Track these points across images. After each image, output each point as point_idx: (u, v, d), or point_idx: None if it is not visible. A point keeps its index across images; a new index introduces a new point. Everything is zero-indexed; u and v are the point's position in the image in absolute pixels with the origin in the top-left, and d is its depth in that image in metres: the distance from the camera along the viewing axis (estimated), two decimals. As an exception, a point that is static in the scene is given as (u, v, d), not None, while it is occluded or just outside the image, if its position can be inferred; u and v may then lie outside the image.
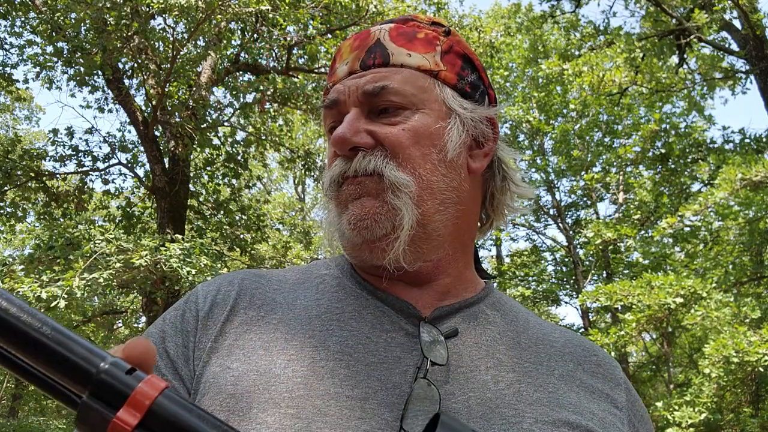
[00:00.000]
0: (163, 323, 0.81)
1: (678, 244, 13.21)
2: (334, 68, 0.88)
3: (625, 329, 9.16)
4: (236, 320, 0.78)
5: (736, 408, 11.36)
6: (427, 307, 0.81)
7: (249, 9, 6.94)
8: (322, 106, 0.87)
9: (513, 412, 0.72)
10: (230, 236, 9.53)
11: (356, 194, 0.79)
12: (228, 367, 0.72)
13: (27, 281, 6.23)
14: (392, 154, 0.79)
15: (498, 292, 0.93)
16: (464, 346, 0.78)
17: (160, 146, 8.35)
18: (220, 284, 0.84)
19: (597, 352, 0.87)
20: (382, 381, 0.71)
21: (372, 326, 0.77)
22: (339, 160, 0.81)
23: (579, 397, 0.77)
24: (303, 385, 0.70)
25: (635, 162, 14.02)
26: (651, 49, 11.22)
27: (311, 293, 0.83)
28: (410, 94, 0.81)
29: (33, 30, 8.21)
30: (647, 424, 0.85)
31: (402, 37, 0.84)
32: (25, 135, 19.96)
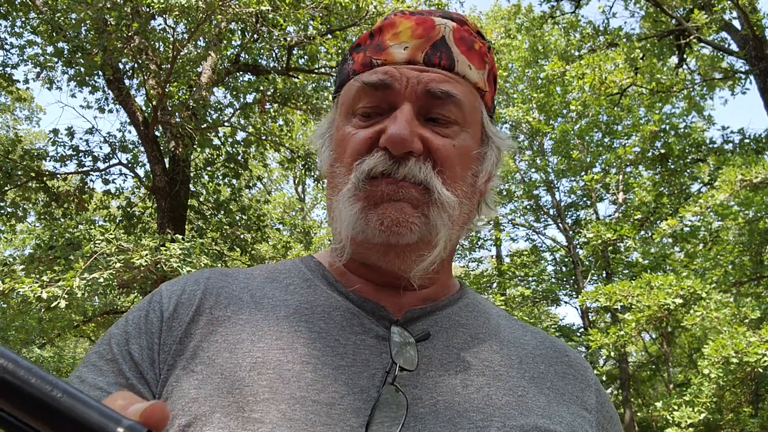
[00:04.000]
0: (125, 324, 0.77)
1: (678, 244, 13.22)
2: (385, 44, 0.79)
3: (624, 329, 9.17)
4: (202, 321, 0.75)
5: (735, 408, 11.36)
6: (399, 309, 0.79)
7: (249, 9, 6.94)
8: (363, 82, 0.78)
9: (481, 417, 0.71)
10: (230, 236, 9.54)
11: (395, 196, 0.73)
12: (192, 370, 0.70)
13: (27, 281, 6.23)
14: (440, 168, 0.75)
15: (472, 294, 0.91)
16: (435, 350, 0.76)
17: (160, 146, 8.36)
18: (185, 284, 0.81)
19: (568, 353, 0.87)
20: (349, 385, 0.70)
21: (341, 328, 0.75)
22: (382, 154, 0.74)
23: (548, 400, 0.76)
24: (268, 388, 0.68)
25: (635, 162, 14.02)
26: (651, 50, 11.23)
27: (280, 293, 0.81)
28: (466, 110, 0.78)
29: (33, 30, 8.21)
30: (617, 425, 0.85)
31: (463, 43, 0.80)
32: (26, 135, 19.97)
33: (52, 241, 7.32)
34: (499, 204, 0.82)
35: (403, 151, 0.73)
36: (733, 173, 8.19)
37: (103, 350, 0.75)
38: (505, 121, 15.71)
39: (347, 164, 0.77)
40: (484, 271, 16.07)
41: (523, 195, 15.58)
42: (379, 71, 0.77)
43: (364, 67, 0.79)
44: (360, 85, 0.78)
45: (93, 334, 17.65)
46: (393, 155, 0.74)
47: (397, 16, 0.81)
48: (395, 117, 0.74)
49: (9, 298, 7.08)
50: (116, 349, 0.74)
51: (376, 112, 0.77)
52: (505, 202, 15.59)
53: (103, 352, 0.75)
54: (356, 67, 0.80)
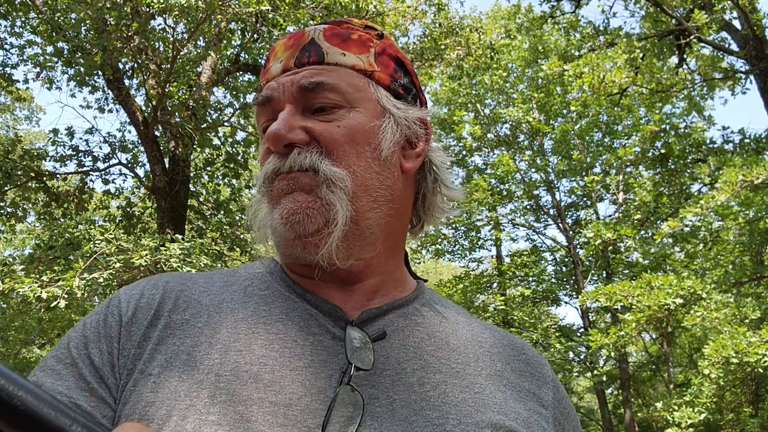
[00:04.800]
0: (84, 328, 0.77)
1: (678, 244, 13.22)
2: (268, 67, 0.87)
3: (625, 329, 9.16)
4: (160, 324, 0.76)
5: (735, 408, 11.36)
6: (355, 309, 0.80)
7: (249, 9, 6.94)
8: (254, 104, 0.86)
9: (437, 414, 0.72)
10: (230, 236, 9.54)
11: (288, 189, 0.78)
12: (149, 373, 0.70)
13: (27, 281, 6.23)
14: (327, 150, 0.79)
15: (430, 292, 0.91)
16: (392, 349, 0.77)
17: (160, 146, 8.36)
18: (143, 288, 0.81)
19: (526, 350, 0.88)
20: (306, 386, 0.70)
21: (299, 329, 0.76)
22: (273, 157, 0.80)
23: (505, 397, 0.78)
24: (225, 390, 0.68)
25: (635, 162, 14.02)
26: (651, 50, 11.23)
27: (238, 295, 0.81)
28: (345, 92, 0.81)
29: (33, 30, 8.21)
30: (573, 420, 0.86)
31: (336, 37, 0.84)
32: (26, 135, 19.96)
33: (52, 241, 7.32)
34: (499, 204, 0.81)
35: (281, 144, 0.78)
36: (733, 174, 8.19)
37: (62, 354, 0.74)
38: (505, 121, 15.72)
39: None
40: (484, 271, 16.07)
41: (523, 195, 15.57)
42: (264, 89, 0.84)
43: (258, 92, 0.87)
44: (255, 109, 0.86)
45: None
46: (280, 153, 0.79)
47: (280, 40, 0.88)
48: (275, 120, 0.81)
49: (9, 298, 7.07)
50: (75, 353, 0.74)
51: None
52: (505, 202, 15.59)
53: (62, 356, 0.74)
54: (257, 95, 0.87)
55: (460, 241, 15.98)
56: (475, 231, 15.72)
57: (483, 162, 16.33)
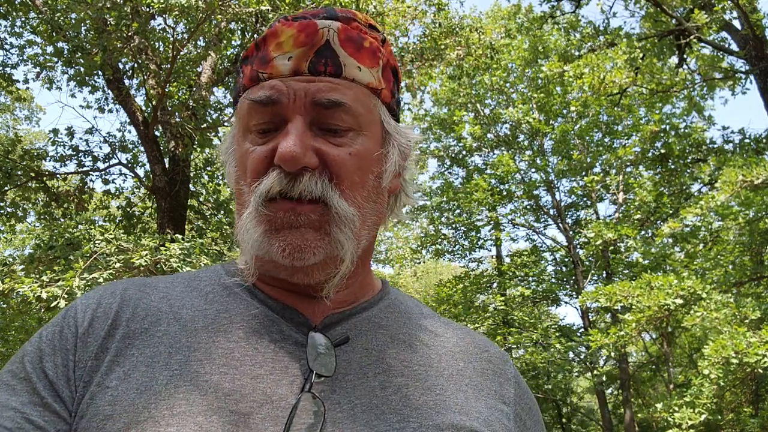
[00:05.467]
0: (39, 341, 0.75)
1: (678, 244, 13.21)
2: (270, 56, 0.77)
3: (625, 329, 9.16)
4: (118, 334, 0.74)
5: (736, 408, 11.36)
6: (318, 314, 0.79)
7: (249, 9, 6.94)
8: (250, 99, 0.76)
9: (398, 418, 0.71)
10: (230, 236, 9.53)
11: (295, 223, 0.73)
12: (106, 386, 0.69)
13: (27, 281, 6.23)
14: (338, 179, 0.75)
15: (395, 292, 0.90)
16: (354, 353, 0.77)
17: (160, 146, 8.35)
18: (100, 296, 0.79)
19: (488, 348, 0.88)
20: (267, 394, 0.70)
21: (260, 336, 0.75)
22: (278, 173, 0.73)
23: (467, 397, 0.78)
24: (185, 401, 0.67)
25: (635, 162, 14.02)
26: (651, 50, 11.22)
27: (199, 302, 0.80)
28: (358, 115, 0.76)
29: (33, 30, 8.21)
30: (534, 415, 0.86)
31: (351, 43, 0.77)
32: (26, 135, 19.96)
33: (52, 241, 7.31)
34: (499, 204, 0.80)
35: (296, 168, 0.72)
36: (733, 174, 8.19)
37: (16, 369, 0.73)
38: (505, 121, 15.72)
39: (249, 183, 0.76)
40: (484, 271, 16.07)
41: (523, 195, 15.57)
42: (265, 86, 0.76)
43: (252, 82, 0.78)
44: (249, 103, 0.76)
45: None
46: (288, 172, 0.73)
47: (280, 23, 0.78)
48: (287, 133, 0.74)
49: (9, 298, 7.07)
50: (29, 367, 0.73)
51: (270, 128, 0.76)
52: (505, 202, 15.59)
53: (16, 370, 0.73)
54: (245, 81, 0.79)
55: (460, 241, 15.98)
56: (475, 231, 15.72)
57: (483, 162, 16.34)
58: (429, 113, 16.14)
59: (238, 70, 0.83)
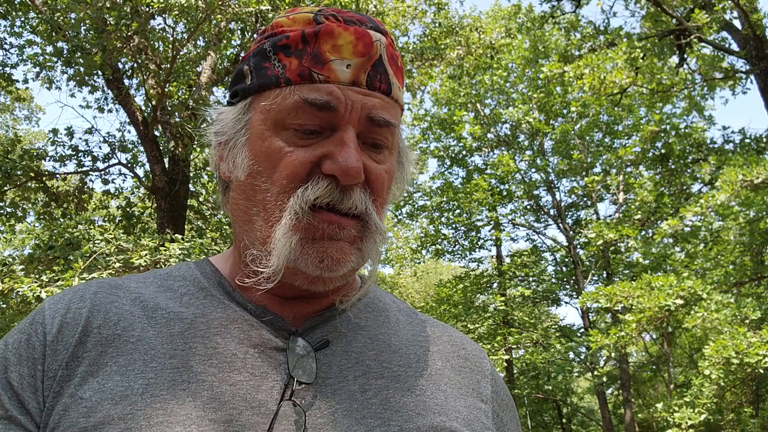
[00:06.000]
0: (5, 350, 0.73)
1: (678, 245, 13.21)
2: (325, 56, 0.73)
3: (625, 330, 9.15)
4: (90, 342, 0.71)
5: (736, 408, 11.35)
6: (298, 317, 0.78)
7: (249, 9, 6.93)
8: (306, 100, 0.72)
9: (378, 422, 0.71)
10: (230, 236, 9.52)
11: (336, 236, 0.73)
12: (80, 397, 0.67)
13: (27, 281, 6.22)
14: (374, 195, 0.75)
15: (374, 290, 0.89)
16: (334, 356, 0.76)
17: (159, 146, 8.35)
18: (69, 301, 0.76)
19: (465, 345, 0.88)
20: (247, 400, 0.68)
21: (239, 342, 0.73)
22: (329, 184, 0.72)
23: (446, 396, 0.77)
24: (162, 411, 0.65)
25: (635, 162, 14.02)
26: (651, 50, 11.22)
27: (174, 304, 0.77)
28: (396, 136, 0.79)
29: (33, 30, 8.20)
30: (511, 410, 0.87)
31: (393, 62, 0.77)
32: (25, 135, 19.96)
33: (52, 241, 7.31)
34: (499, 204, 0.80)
35: (355, 182, 0.72)
36: (734, 173, 8.18)
37: None
38: (505, 121, 15.71)
39: (282, 185, 0.73)
40: (485, 271, 16.06)
41: (523, 195, 15.56)
42: (322, 90, 0.72)
43: (303, 79, 0.73)
44: (300, 101, 0.73)
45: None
46: (339, 185, 0.72)
47: (331, 21, 0.75)
48: (343, 144, 0.72)
49: (8, 298, 7.07)
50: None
51: (316, 131, 0.74)
52: (505, 202, 15.58)
53: None
54: (291, 75, 0.74)
55: (460, 241, 15.98)
56: (475, 231, 15.71)
57: (483, 162, 16.33)
58: (429, 113, 16.14)
59: (266, 53, 0.77)
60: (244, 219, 0.78)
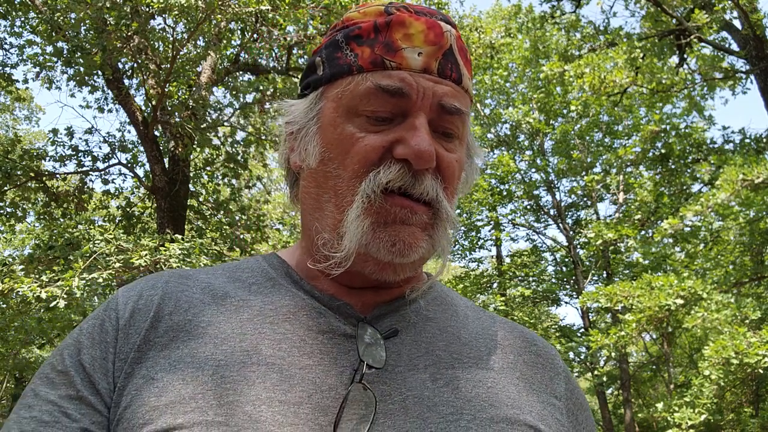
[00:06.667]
0: (79, 333, 0.76)
1: (678, 245, 13.21)
2: (397, 44, 0.74)
3: (625, 330, 9.15)
4: (161, 327, 0.74)
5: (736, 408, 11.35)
6: (366, 305, 0.79)
7: (249, 9, 6.93)
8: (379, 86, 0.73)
9: (451, 410, 0.70)
10: (230, 236, 9.52)
11: (408, 221, 0.73)
12: (152, 378, 0.69)
13: (27, 281, 6.22)
14: (446, 183, 0.76)
15: (440, 286, 0.90)
16: (403, 345, 0.76)
17: (159, 146, 8.35)
18: (141, 289, 0.79)
19: (536, 341, 0.87)
20: (317, 384, 0.69)
21: (307, 328, 0.74)
22: (401, 168, 0.72)
23: (518, 390, 0.76)
24: (233, 391, 0.67)
25: (635, 162, 14.02)
26: (651, 49, 11.22)
27: (243, 293, 0.79)
28: (465, 125, 0.79)
29: (33, 30, 8.20)
30: (585, 410, 0.85)
31: (462, 53, 0.78)
32: (25, 135, 19.96)
33: (52, 241, 7.31)
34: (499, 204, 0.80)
35: (427, 166, 0.72)
36: (734, 173, 8.18)
37: (56, 361, 0.74)
38: (505, 121, 15.71)
39: (354, 170, 0.73)
40: (485, 271, 16.06)
41: (523, 195, 15.56)
42: (395, 76, 0.73)
43: (375, 66, 0.74)
44: (373, 87, 0.73)
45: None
46: (410, 169, 0.72)
47: (403, 12, 0.76)
48: (415, 128, 0.72)
49: (8, 298, 7.07)
50: (68, 360, 0.73)
51: (388, 118, 0.74)
52: (505, 202, 15.58)
53: (56, 363, 0.74)
54: (364, 63, 0.75)
55: (460, 241, 15.98)
56: (475, 231, 15.71)
57: (483, 162, 16.34)
58: None
59: (338, 44, 0.78)
60: (314, 207, 0.79)
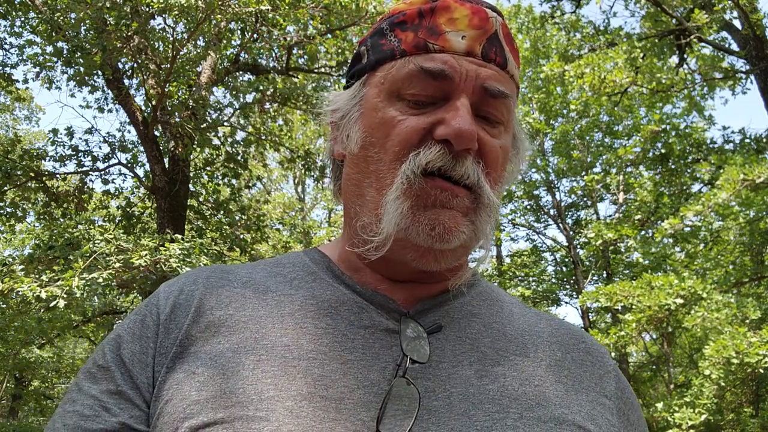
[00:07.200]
0: (121, 329, 0.77)
1: (678, 244, 13.21)
2: (441, 28, 0.74)
3: (625, 329, 9.15)
4: (202, 322, 0.74)
5: (736, 408, 11.35)
6: (409, 300, 0.77)
7: (249, 9, 6.93)
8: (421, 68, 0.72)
9: (497, 408, 0.69)
10: (230, 236, 9.52)
11: (449, 204, 0.71)
12: (193, 372, 0.69)
13: (27, 281, 6.22)
14: (489, 168, 0.73)
15: (484, 282, 0.89)
16: (447, 341, 0.74)
17: (159, 146, 8.35)
18: (183, 284, 0.79)
19: (585, 338, 0.84)
20: (359, 379, 0.68)
21: (349, 323, 0.73)
22: (441, 149, 0.71)
23: (566, 389, 0.74)
24: (273, 386, 0.66)
25: (635, 162, 14.02)
26: (651, 50, 11.22)
27: (284, 287, 0.78)
28: (511, 111, 0.77)
29: (33, 30, 8.20)
30: (637, 410, 0.83)
31: (508, 40, 0.77)
32: (25, 135, 19.96)
33: (52, 241, 7.31)
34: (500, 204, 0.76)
35: (467, 146, 0.70)
36: (735, 173, 8.18)
37: (98, 356, 0.75)
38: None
39: (394, 152, 0.72)
40: (484, 271, 16.06)
41: (524, 195, 15.56)
42: (437, 59, 0.72)
43: (418, 50, 0.74)
44: (416, 70, 0.73)
45: (92, 335, 17.63)
46: (451, 151, 0.70)
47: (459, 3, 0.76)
48: (456, 109, 0.71)
49: (8, 298, 7.07)
50: (109, 355, 0.74)
51: (428, 102, 0.73)
52: (505, 202, 15.58)
53: (98, 358, 0.75)
54: (407, 47, 0.74)
55: None
56: None
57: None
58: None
59: (383, 32, 0.78)
60: (356, 193, 0.77)
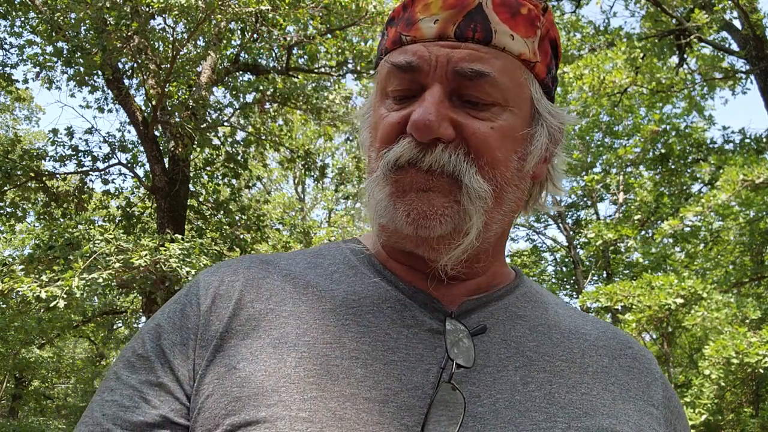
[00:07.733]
0: (160, 317, 0.75)
1: (678, 245, 13.22)
2: (415, 17, 0.71)
3: (625, 329, 9.15)
4: (242, 315, 0.71)
5: (736, 408, 11.35)
6: (453, 300, 0.75)
7: (249, 9, 6.93)
8: (390, 63, 0.72)
9: (544, 417, 0.66)
10: (230, 236, 9.52)
11: (424, 186, 0.69)
12: (234, 367, 0.67)
13: (27, 281, 6.22)
14: (476, 154, 0.69)
15: (529, 282, 0.85)
16: (492, 344, 0.72)
17: (160, 146, 8.35)
18: (223, 274, 0.76)
19: (632, 344, 0.81)
20: (402, 381, 0.66)
21: (392, 321, 0.71)
22: (409, 141, 0.69)
23: (614, 397, 0.72)
24: (316, 386, 0.64)
25: (635, 162, 14.02)
26: (651, 49, 11.22)
27: (324, 282, 0.76)
28: (506, 89, 0.70)
29: (33, 30, 8.20)
30: (683, 419, 0.80)
31: (505, 8, 0.71)
32: (25, 135, 19.96)
33: (52, 241, 7.31)
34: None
35: (428, 137, 0.67)
36: (735, 173, 8.18)
37: (137, 346, 0.73)
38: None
39: (377, 149, 0.73)
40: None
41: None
42: (408, 51, 0.71)
43: (394, 45, 0.73)
44: (389, 67, 0.72)
45: (92, 335, 17.63)
46: (420, 142, 0.68)
47: None
48: (423, 100, 0.69)
49: (8, 298, 7.07)
50: (149, 345, 0.72)
51: (409, 95, 0.72)
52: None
53: (137, 347, 0.73)
54: (388, 44, 0.74)
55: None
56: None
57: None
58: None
59: (383, 32, 0.78)
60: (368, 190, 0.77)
